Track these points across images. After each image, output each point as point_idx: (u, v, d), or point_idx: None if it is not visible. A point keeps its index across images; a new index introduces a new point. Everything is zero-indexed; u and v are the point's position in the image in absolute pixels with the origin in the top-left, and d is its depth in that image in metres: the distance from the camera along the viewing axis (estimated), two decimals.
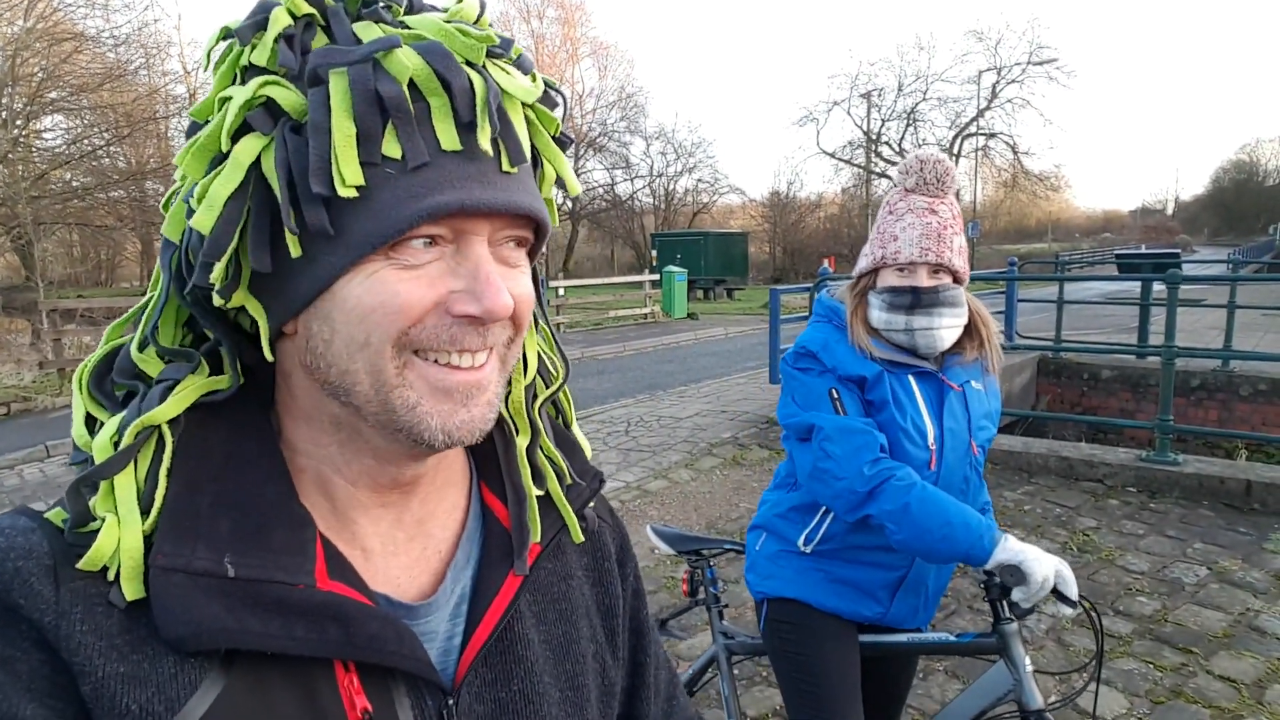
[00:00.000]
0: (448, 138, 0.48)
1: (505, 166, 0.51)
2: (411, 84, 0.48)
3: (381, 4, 0.51)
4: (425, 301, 0.49)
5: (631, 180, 40.63)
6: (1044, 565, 1.48)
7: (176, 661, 0.46)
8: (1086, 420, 7.72)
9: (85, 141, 18.71)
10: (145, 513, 0.48)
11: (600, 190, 39.78)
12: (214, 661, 0.47)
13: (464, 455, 0.65)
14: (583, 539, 0.67)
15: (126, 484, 0.48)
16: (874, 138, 39.50)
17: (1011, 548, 1.49)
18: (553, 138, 0.58)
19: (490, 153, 0.50)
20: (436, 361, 0.51)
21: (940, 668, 3.17)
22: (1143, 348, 8.58)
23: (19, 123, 16.20)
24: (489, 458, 0.65)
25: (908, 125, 39.36)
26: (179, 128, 23.79)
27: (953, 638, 1.74)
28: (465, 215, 0.49)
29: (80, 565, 0.46)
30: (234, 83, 0.50)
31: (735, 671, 3.12)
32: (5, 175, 16.30)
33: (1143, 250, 20.38)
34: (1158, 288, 8.98)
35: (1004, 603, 1.61)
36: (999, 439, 6.00)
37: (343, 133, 0.46)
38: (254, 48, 0.48)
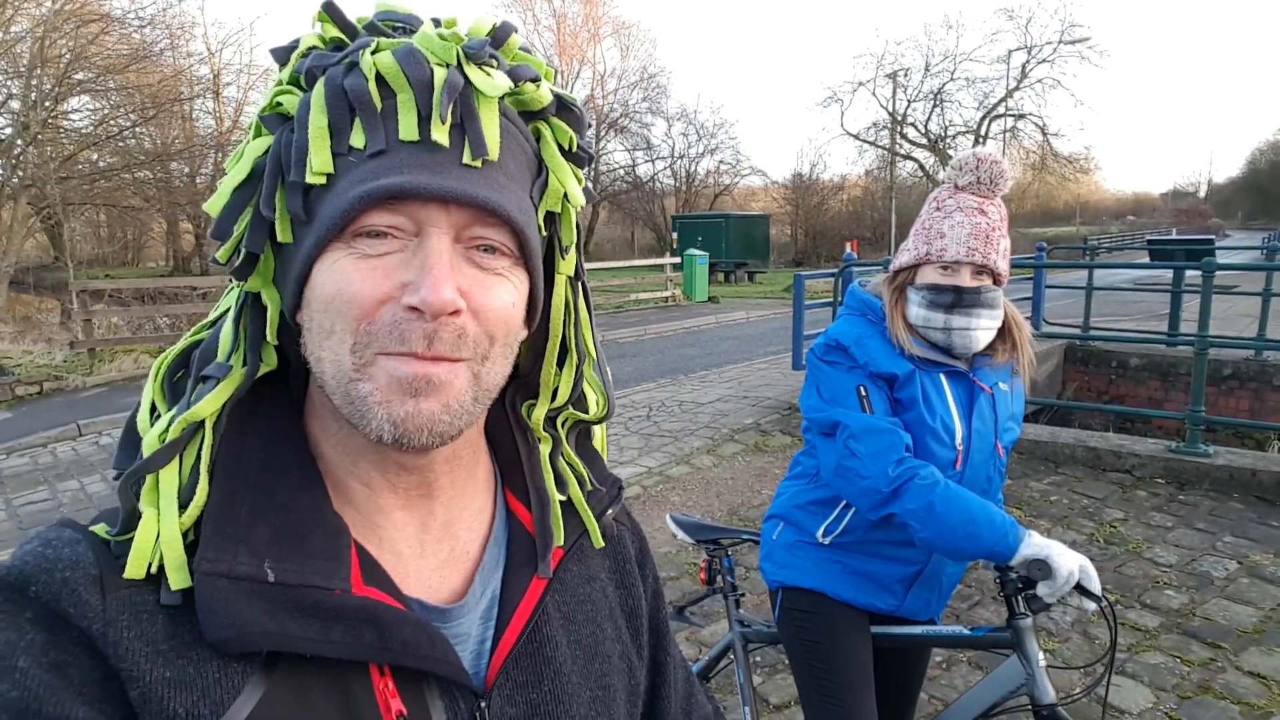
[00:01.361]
0: (407, 128, 0.51)
1: (466, 159, 0.51)
2: (384, 82, 0.51)
3: (409, 26, 0.56)
4: (378, 292, 0.50)
5: (653, 162, 40.45)
6: (1069, 560, 1.49)
7: (221, 666, 0.48)
8: (1114, 410, 7.60)
9: (112, 122, 18.89)
10: (184, 507, 0.50)
11: (621, 172, 39.64)
12: (256, 665, 0.49)
13: (489, 462, 0.66)
14: (603, 544, 0.68)
15: (170, 479, 0.50)
16: (899, 119, 38.88)
17: (1037, 543, 1.51)
18: (568, 153, 0.58)
19: (446, 144, 0.51)
20: (399, 356, 0.51)
21: (964, 659, 3.16)
22: (1174, 336, 8.43)
23: (47, 104, 16.39)
24: (513, 465, 0.66)
25: (934, 106, 38.68)
26: (204, 109, 23.92)
27: (967, 631, 1.75)
28: (416, 202, 0.49)
29: (127, 573, 0.48)
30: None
31: (757, 659, 3.15)
32: (35, 156, 16.53)
33: (1174, 235, 19.97)
34: (1191, 274, 8.81)
35: (1019, 598, 1.63)
36: (1025, 428, 5.92)
37: (316, 125, 0.50)
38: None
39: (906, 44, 68.16)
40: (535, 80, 0.55)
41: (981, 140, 37.52)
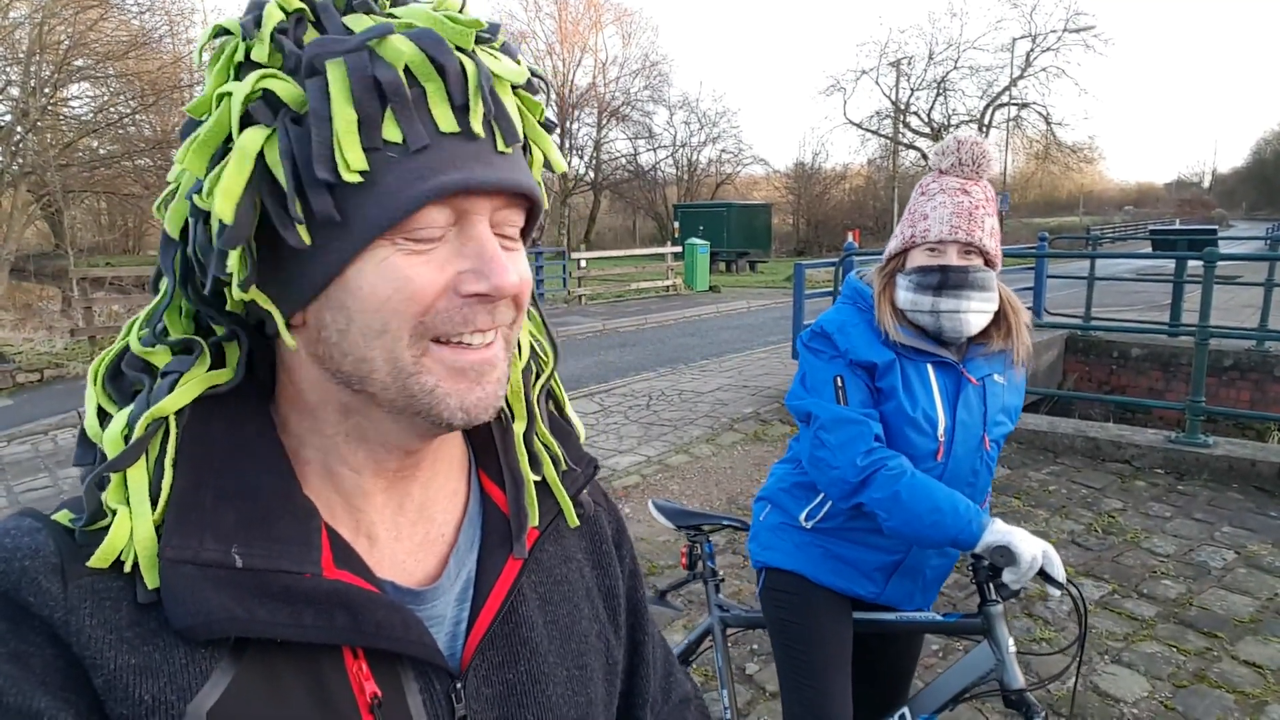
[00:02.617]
0: (445, 120, 0.49)
1: (500, 147, 0.52)
2: (406, 70, 0.49)
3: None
4: (437, 285, 0.50)
5: (654, 150, 40.26)
6: (1032, 546, 1.51)
7: (187, 652, 0.47)
8: (1115, 400, 7.60)
9: (112, 109, 18.85)
10: (154, 503, 0.49)
11: (623, 160, 39.48)
12: (224, 651, 0.48)
13: (462, 443, 0.66)
14: (578, 523, 0.68)
15: (138, 476, 0.49)
16: (902, 107, 38.73)
17: (999, 529, 1.53)
18: (538, 122, 0.59)
19: (484, 134, 0.51)
20: (450, 343, 0.52)
21: (960, 646, 3.17)
22: (1175, 326, 8.41)
23: (47, 90, 16.34)
24: (486, 446, 0.66)
25: (938, 95, 38.51)
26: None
27: (939, 617, 1.77)
28: (468, 194, 0.50)
29: (92, 562, 0.47)
30: (229, 79, 0.50)
31: (754, 646, 3.16)
32: (34, 143, 16.49)
33: (1177, 225, 19.90)
34: (1193, 264, 8.78)
35: (991, 584, 1.65)
36: (1024, 418, 5.93)
37: (344, 119, 0.47)
38: (249, 45, 0.49)
39: (910, 32, 67.65)
40: (515, 56, 0.56)
41: (985, 129, 37.34)
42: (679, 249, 19.96)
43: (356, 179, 0.47)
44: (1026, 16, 39.68)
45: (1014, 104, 37.47)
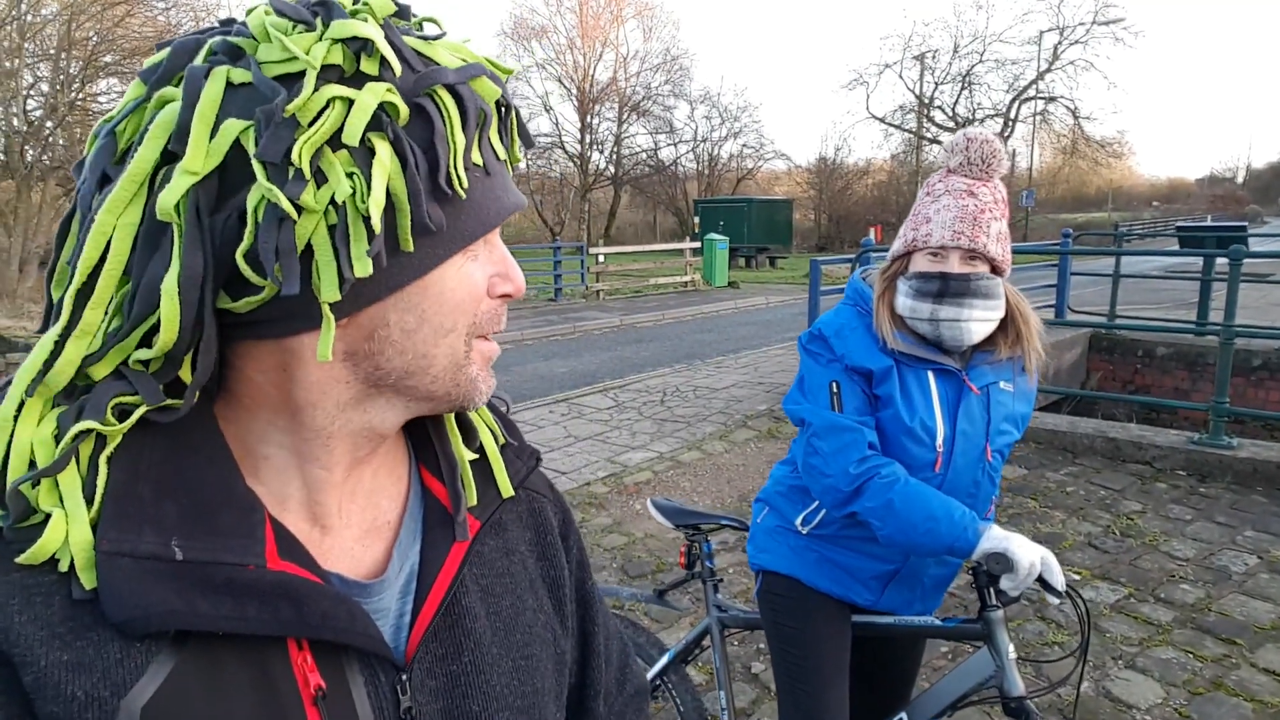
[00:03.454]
0: (501, 150, 0.58)
1: (511, 170, 0.61)
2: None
3: (408, 21, 0.57)
4: (484, 288, 0.58)
5: (675, 145, 40.03)
6: (1030, 552, 1.48)
7: (123, 646, 0.46)
8: (1138, 400, 7.46)
9: None
10: (89, 501, 0.48)
11: (643, 155, 39.39)
12: (163, 644, 0.48)
13: (403, 437, 0.66)
14: (512, 493, 0.68)
15: (70, 479, 0.48)
16: (926, 102, 38.28)
17: (996, 536, 1.49)
18: None
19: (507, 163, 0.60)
20: (484, 338, 0.60)
21: (968, 650, 3.12)
22: (1202, 325, 8.23)
23: (75, 86, 16.61)
24: (424, 441, 0.66)
25: (963, 89, 38.00)
26: None
27: (938, 622, 1.74)
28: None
29: (22, 559, 0.46)
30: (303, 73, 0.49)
31: (759, 646, 3.14)
32: (63, 138, 16.78)
33: (1208, 222, 19.51)
34: (1221, 262, 8.59)
35: (990, 589, 1.61)
36: (1043, 418, 5.85)
37: (460, 142, 0.53)
38: (354, 56, 0.50)
39: (935, 25, 66.61)
40: None
41: (1011, 124, 36.84)
42: (698, 244, 19.89)
43: (463, 195, 0.54)
44: (1054, 9, 39.19)
45: (1041, 98, 36.89)
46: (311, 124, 0.48)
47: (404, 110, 0.51)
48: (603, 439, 6.02)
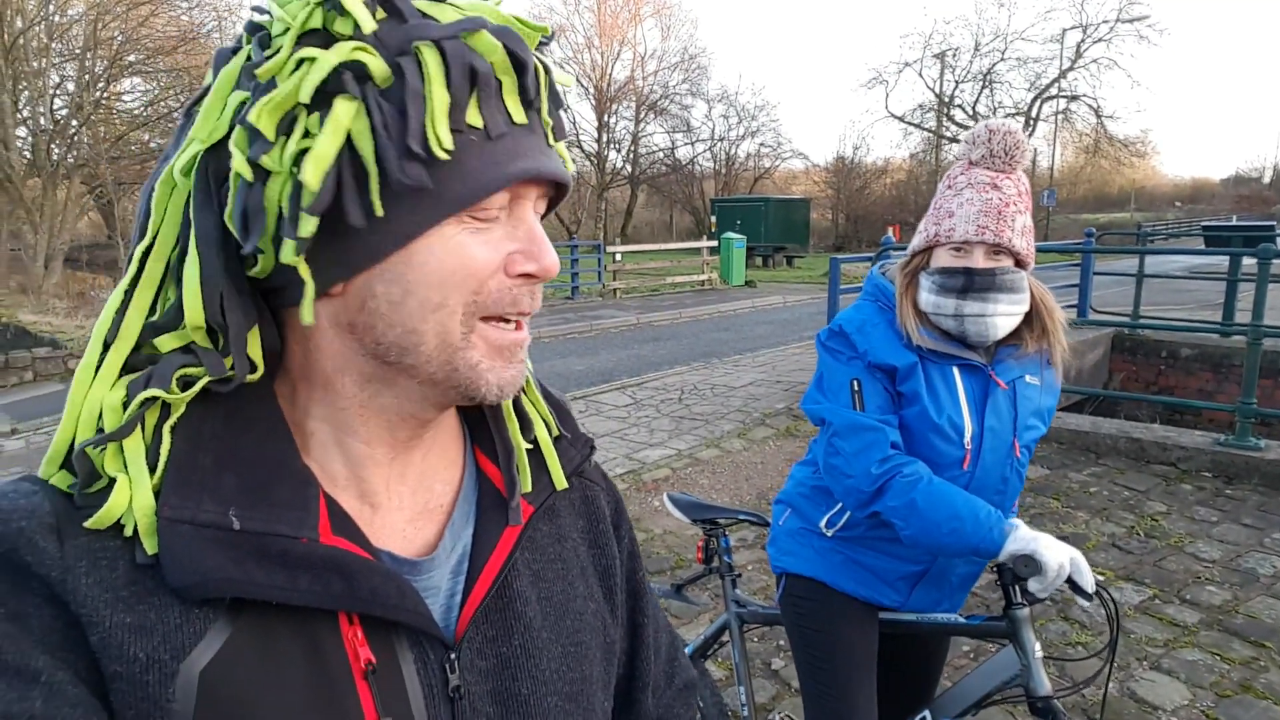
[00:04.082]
0: (518, 112, 0.53)
1: (551, 141, 0.56)
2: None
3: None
4: (492, 264, 0.53)
5: (692, 144, 39.94)
6: (1058, 553, 1.43)
7: (183, 611, 0.48)
8: (1162, 400, 7.36)
9: (161, 103, 19.34)
10: (152, 469, 0.49)
11: (660, 154, 39.35)
12: (220, 611, 0.49)
13: (458, 418, 0.67)
14: (566, 485, 0.68)
15: (135, 445, 0.49)
16: (946, 100, 37.98)
17: (1023, 536, 1.44)
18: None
19: (540, 129, 0.55)
20: (495, 324, 0.55)
21: (992, 648, 3.09)
22: (1228, 326, 8.11)
23: (100, 85, 16.83)
24: (480, 422, 0.67)
25: (983, 87, 37.64)
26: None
27: (962, 620, 1.70)
28: (530, 182, 0.54)
29: (90, 524, 0.47)
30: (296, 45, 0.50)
31: (780, 642, 3.13)
32: (88, 136, 17.00)
33: (1233, 222, 19.22)
34: (1247, 262, 8.46)
35: (1016, 587, 1.58)
36: (1065, 418, 5.79)
37: (440, 100, 0.50)
38: (328, 14, 0.49)
39: (955, 22, 66.37)
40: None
41: (1033, 122, 36.47)
42: (715, 243, 19.85)
43: (445, 156, 0.50)
44: (1078, 6, 38.75)
45: (1063, 96, 36.48)
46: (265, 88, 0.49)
47: (381, 69, 0.49)
48: (621, 436, 6.02)
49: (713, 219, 27.84)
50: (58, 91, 17.58)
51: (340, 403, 0.56)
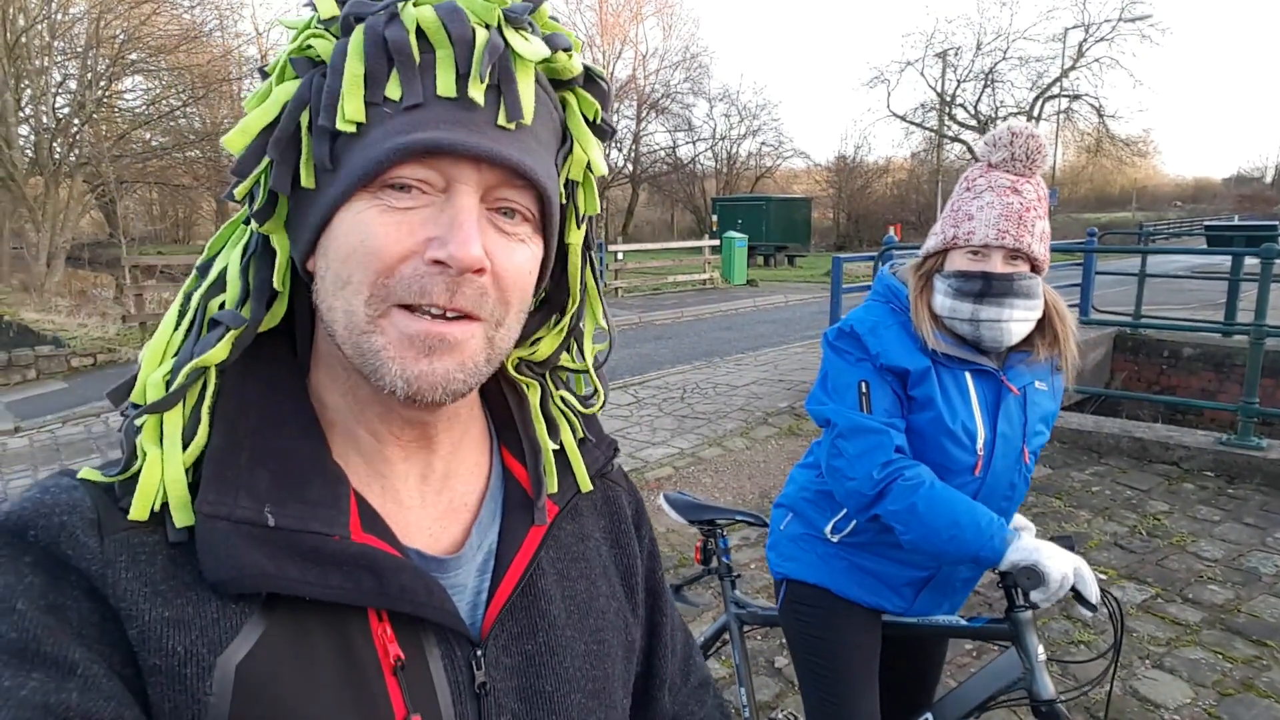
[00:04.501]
0: (445, 84, 0.50)
1: (501, 120, 0.52)
2: (424, 36, 0.51)
3: None
4: (402, 246, 0.50)
5: (694, 143, 40.00)
6: (1062, 564, 1.40)
7: (219, 606, 0.49)
8: (1164, 400, 7.36)
9: (163, 102, 19.36)
10: (186, 445, 0.51)
11: (661, 153, 39.36)
12: (255, 606, 0.49)
13: (484, 419, 0.67)
14: (590, 487, 0.69)
15: (174, 421, 0.51)
16: (948, 100, 37.94)
17: (1025, 546, 1.42)
18: (591, 124, 0.59)
19: (482, 101, 0.51)
20: (411, 310, 0.51)
21: (994, 649, 3.10)
22: (1230, 325, 8.11)
23: (102, 84, 16.84)
24: (507, 424, 0.67)
25: (985, 86, 37.59)
26: (252, 89, 24.52)
27: (964, 622, 1.69)
28: (448, 158, 0.50)
29: (132, 515, 0.49)
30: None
31: (781, 642, 3.13)
32: (90, 135, 17.00)
33: (1235, 221, 19.19)
34: (1250, 262, 8.45)
35: (1018, 590, 1.56)
36: (1068, 417, 5.79)
37: (351, 73, 0.50)
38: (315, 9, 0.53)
39: (957, 21, 66.38)
40: (568, 50, 0.56)
41: (1035, 121, 36.39)
42: (716, 243, 19.84)
43: (350, 129, 0.50)
44: (1080, 5, 38.73)
45: (1065, 96, 36.45)
46: None
47: (327, 51, 0.51)
48: (623, 435, 6.03)
49: (714, 218, 27.81)
50: (60, 90, 17.60)
51: (340, 386, 0.57)
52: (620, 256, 18.04)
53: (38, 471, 5.67)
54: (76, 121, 16.78)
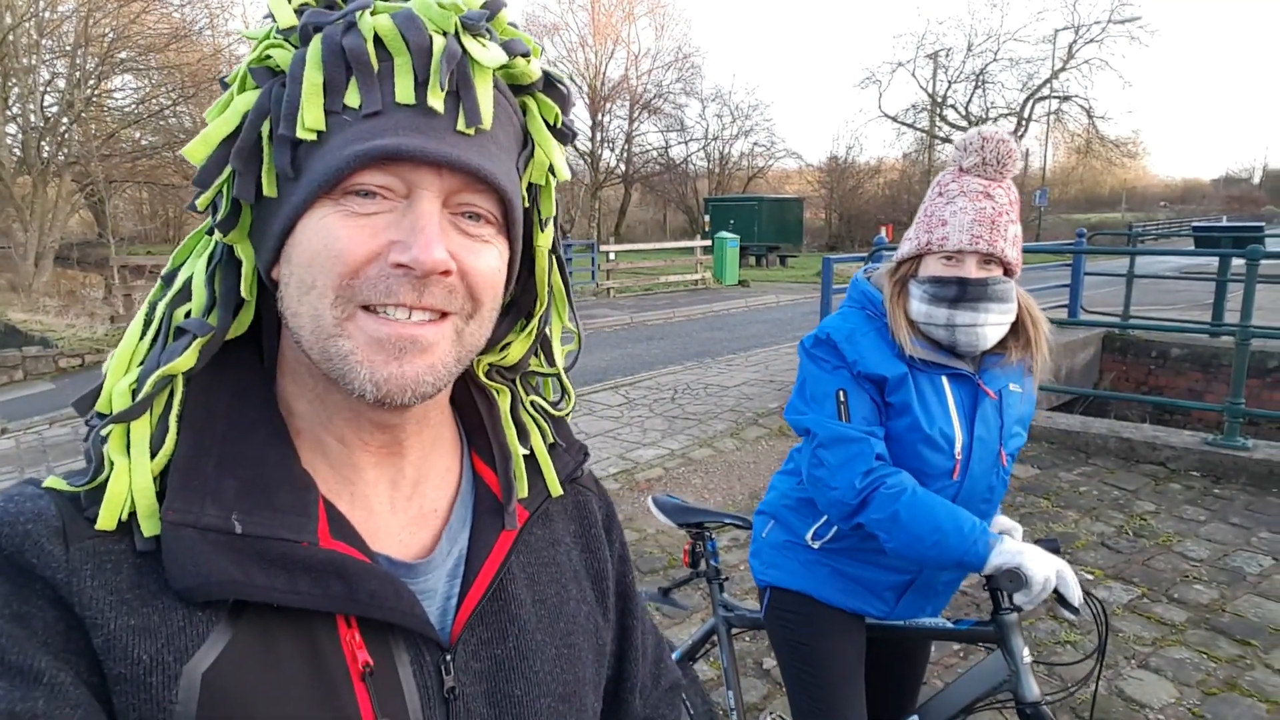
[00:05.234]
0: (403, 91, 0.51)
1: (460, 126, 0.52)
2: (382, 44, 0.51)
3: None
4: (365, 249, 0.51)
5: (686, 143, 39.97)
6: (1044, 567, 1.42)
7: (186, 614, 0.48)
8: (1151, 400, 7.41)
9: (153, 101, 19.25)
10: (153, 455, 0.51)
11: (654, 153, 39.35)
12: (222, 614, 0.49)
13: (455, 425, 0.68)
14: (561, 492, 0.69)
15: (141, 430, 0.51)
16: (939, 100, 38.10)
17: (1009, 549, 1.44)
18: (552, 128, 0.60)
19: (441, 109, 0.52)
20: (377, 313, 0.52)
21: (981, 650, 3.11)
22: (1217, 326, 8.17)
23: (91, 82, 16.73)
24: (477, 429, 0.67)
25: (976, 87, 37.78)
26: None
27: (950, 624, 1.70)
28: (408, 164, 0.51)
29: (99, 524, 0.48)
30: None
31: (766, 644, 3.14)
32: (79, 134, 16.90)
33: (1223, 223, 19.33)
34: (1237, 263, 8.52)
35: (1004, 593, 1.57)
36: (1056, 417, 5.82)
37: (310, 82, 0.50)
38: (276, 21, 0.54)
39: (948, 23, 66.82)
40: (526, 55, 0.57)
41: (1025, 122, 36.60)
42: (708, 243, 19.87)
43: (311, 136, 0.50)
44: (1069, 7, 38.90)
45: (1055, 97, 36.63)
46: None
47: (286, 60, 0.52)
48: (614, 435, 6.03)
49: (706, 218, 27.85)
50: (48, 88, 17.49)
51: (307, 394, 0.57)
52: (612, 256, 18.04)
53: (24, 473, 5.64)
54: (65, 120, 16.67)
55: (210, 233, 0.57)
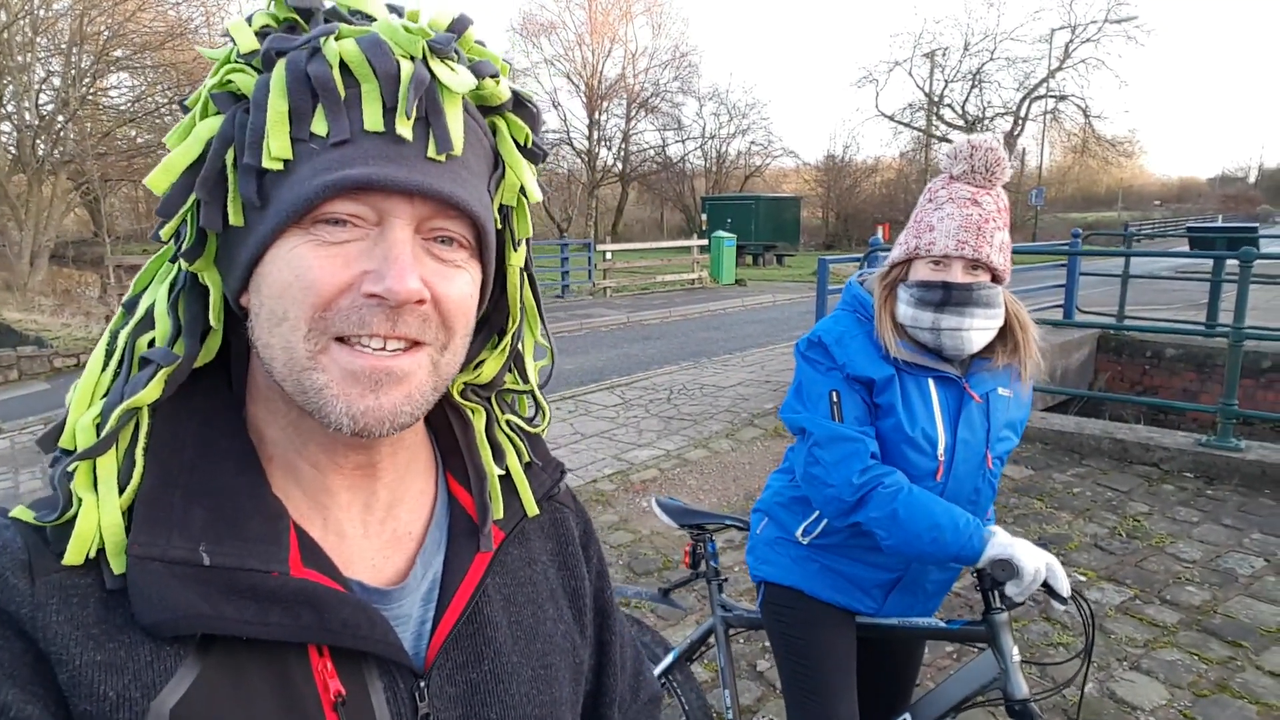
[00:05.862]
0: (372, 119, 0.50)
1: (430, 153, 0.52)
2: (348, 70, 0.50)
3: (360, 13, 0.54)
4: (338, 280, 0.50)
5: (683, 142, 39.97)
6: (1034, 559, 1.47)
7: (153, 649, 0.47)
8: (1145, 401, 7.43)
9: (149, 99, 19.19)
10: (121, 490, 0.50)
11: (651, 152, 39.34)
12: (190, 648, 0.48)
13: (430, 447, 0.67)
14: (537, 512, 0.69)
15: (107, 465, 0.50)
16: (936, 100, 38.16)
17: (1001, 542, 1.49)
18: (522, 148, 0.59)
19: (410, 137, 0.51)
20: (352, 345, 0.51)
21: (975, 650, 3.12)
22: (1211, 327, 8.20)
23: (86, 80, 16.68)
24: (453, 449, 0.67)
25: (973, 87, 37.86)
26: None
27: (942, 624, 1.73)
28: (379, 193, 0.50)
29: (66, 560, 0.48)
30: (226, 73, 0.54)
31: (764, 644, 3.15)
32: (74, 132, 16.85)
33: (1219, 223, 19.37)
34: (1231, 263, 8.54)
35: (995, 592, 1.61)
36: (1050, 418, 5.83)
37: (275, 110, 0.49)
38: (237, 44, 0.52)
39: (945, 22, 66.89)
40: (495, 76, 0.56)
41: (1021, 122, 36.66)
42: (705, 242, 19.88)
43: (277, 166, 0.49)
44: (1066, 7, 38.96)
45: (1051, 96, 36.71)
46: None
47: (249, 86, 0.51)
48: (609, 436, 6.03)
49: (703, 217, 27.87)
50: (43, 87, 17.44)
51: (279, 420, 0.56)
52: (609, 256, 18.03)
53: (19, 474, 5.63)
54: (60, 119, 16.63)
55: (173, 260, 0.56)
